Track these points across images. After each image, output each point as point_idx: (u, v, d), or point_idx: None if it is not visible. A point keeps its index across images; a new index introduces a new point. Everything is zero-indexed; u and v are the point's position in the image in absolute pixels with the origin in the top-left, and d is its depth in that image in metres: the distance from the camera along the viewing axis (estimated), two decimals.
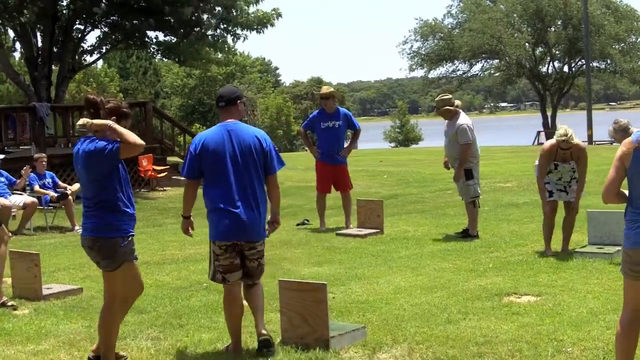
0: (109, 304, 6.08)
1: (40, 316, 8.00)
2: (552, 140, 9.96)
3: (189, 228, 6.71)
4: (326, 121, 13.18)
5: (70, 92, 48.25)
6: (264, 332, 6.28)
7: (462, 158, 11.94)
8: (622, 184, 4.97)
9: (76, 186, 16.07)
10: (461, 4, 63.51)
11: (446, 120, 12.31)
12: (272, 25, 25.23)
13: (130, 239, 6.02)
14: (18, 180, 15.05)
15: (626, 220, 4.97)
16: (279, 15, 25.35)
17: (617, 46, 60.20)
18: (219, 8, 24.14)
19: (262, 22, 25.09)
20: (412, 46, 64.29)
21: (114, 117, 5.99)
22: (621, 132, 8.77)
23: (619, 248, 6.84)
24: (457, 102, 12.32)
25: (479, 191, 12.17)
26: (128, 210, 5.97)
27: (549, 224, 10.16)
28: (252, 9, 25.22)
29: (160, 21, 22.66)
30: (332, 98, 13.13)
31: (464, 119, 12.06)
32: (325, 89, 13.39)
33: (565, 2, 57.71)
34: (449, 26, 63.92)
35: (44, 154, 16.36)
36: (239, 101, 6.53)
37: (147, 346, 6.73)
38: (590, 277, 8.57)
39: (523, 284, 8.34)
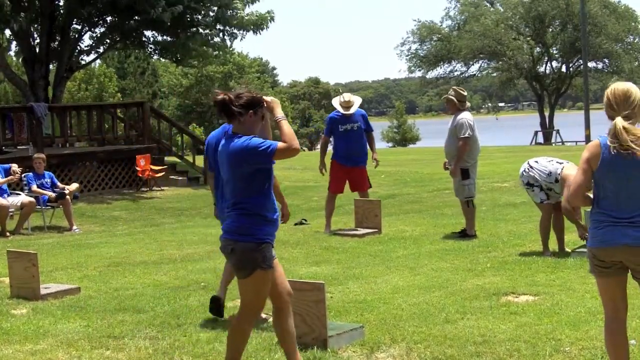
0: (239, 315, 5.65)
1: (38, 316, 8.00)
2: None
3: None
4: (344, 124, 13.02)
5: (71, 92, 48.29)
6: None
7: (459, 153, 11.84)
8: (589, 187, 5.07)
9: (74, 186, 16.10)
10: (459, 6, 63.56)
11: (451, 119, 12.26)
12: (266, 27, 25.23)
13: (265, 246, 5.43)
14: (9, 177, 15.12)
15: (592, 220, 5.07)
16: (272, 18, 25.34)
17: (615, 46, 60.33)
18: (215, 8, 24.12)
19: (256, 24, 25.10)
20: (410, 48, 64.43)
21: (251, 111, 5.44)
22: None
23: None
24: (467, 104, 12.23)
25: (474, 192, 12.14)
26: (268, 215, 5.48)
27: (546, 225, 10.17)
28: (247, 9, 25.26)
29: (152, 20, 22.63)
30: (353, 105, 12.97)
31: (465, 115, 11.99)
32: (347, 97, 13.02)
33: (567, 2, 57.82)
34: (447, 28, 63.99)
35: (42, 154, 16.36)
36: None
37: (145, 345, 6.73)
38: (588, 276, 8.50)
39: (521, 284, 8.34)
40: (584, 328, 6.53)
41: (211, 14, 24.45)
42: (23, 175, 16.04)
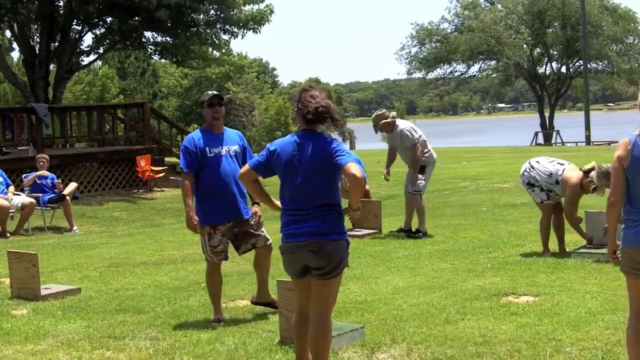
0: (324, 314, 5.52)
1: (38, 316, 8.01)
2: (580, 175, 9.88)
3: None
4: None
5: (76, 95, 48.31)
6: None
7: (415, 160, 12.33)
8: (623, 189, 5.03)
9: (72, 186, 16.05)
10: (458, 6, 63.58)
11: (389, 135, 12.76)
12: (267, 22, 25.27)
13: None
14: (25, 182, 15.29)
15: (624, 219, 5.04)
16: (272, 11, 25.38)
17: (615, 47, 60.38)
18: (214, 6, 24.14)
19: (256, 20, 25.12)
20: (409, 52, 64.46)
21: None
22: (604, 177, 8.98)
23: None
24: (393, 114, 12.70)
25: (424, 188, 12.53)
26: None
27: (546, 226, 10.17)
28: (247, 7, 25.28)
29: (151, 20, 22.64)
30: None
31: (402, 124, 12.58)
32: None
33: (565, 2, 57.84)
34: (449, 29, 64.01)
35: (45, 155, 16.35)
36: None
37: (145, 346, 6.73)
38: (589, 277, 8.57)
39: (521, 284, 8.34)
40: (585, 328, 6.52)
41: (212, 11, 24.47)
42: (23, 175, 16.10)
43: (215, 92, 7.52)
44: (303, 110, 5.43)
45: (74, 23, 24.93)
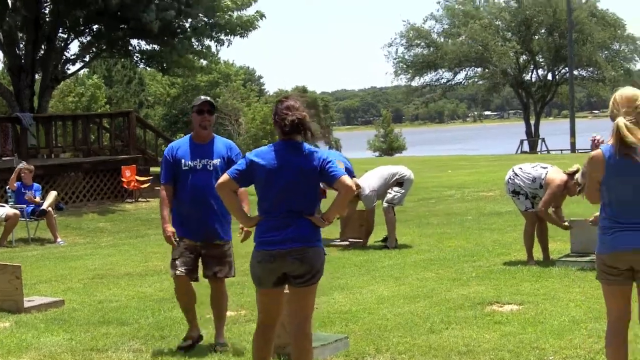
0: (305, 321, 5.47)
1: (21, 329, 7.95)
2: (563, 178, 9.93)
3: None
4: None
5: (66, 105, 48.16)
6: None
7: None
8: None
9: (52, 195, 15.87)
10: (445, 9, 63.77)
11: None
12: (255, 28, 25.27)
13: None
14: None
15: (600, 227, 5.08)
16: (262, 15, 25.38)
17: (601, 54, 60.68)
18: (201, 14, 24.13)
19: (245, 26, 25.11)
20: (397, 50, 64.58)
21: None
22: None
23: None
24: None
25: (396, 201, 12.50)
26: None
27: (530, 234, 10.20)
28: (235, 14, 25.28)
29: (139, 29, 22.59)
30: None
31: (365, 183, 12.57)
32: None
33: (553, 10, 58.13)
34: (435, 34, 64.13)
35: (32, 166, 16.25)
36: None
37: (128, 358, 6.71)
38: (573, 285, 8.60)
39: (505, 293, 8.36)
40: (568, 337, 6.54)
41: (200, 16, 24.42)
42: (7, 187, 16.01)
43: (207, 99, 7.01)
44: (279, 122, 5.43)
45: (59, 31, 24.85)
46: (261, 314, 5.58)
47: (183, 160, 6.83)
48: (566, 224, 10.24)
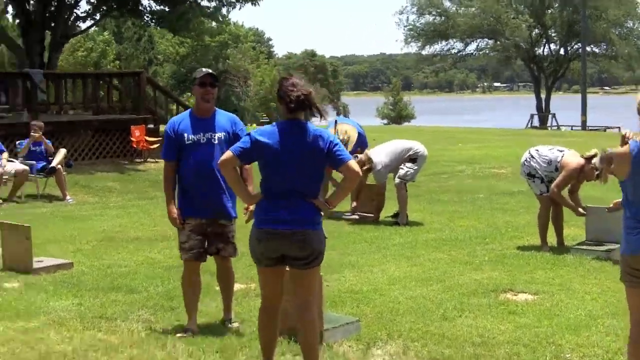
0: (308, 301, 5.42)
1: (30, 291, 7.92)
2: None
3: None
4: None
5: (77, 59, 47.98)
6: None
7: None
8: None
9: (62, 153, 15.80)
10: None
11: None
12: None
13: None
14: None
15: (624, 226, 4.96)
16: None
17: (615, 31, 60.29)
18: None
19: None
20: (408, 18, 64.21)
21: None
22: (608, 163, 8.80)
23: (618, 246, 6.73)
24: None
25: (409, 177, 12.41)
26: None
27: (545, 219, 10.07)
28: None
29: None
30: None
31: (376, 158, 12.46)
32: None
33: None
34: (448, 2, 63.66)
35: (41, 123, 16.15)
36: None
37: (137, 329, 6.65)
38: (588, 276, 8.47)
39: (519, 281, 8.24)
40: (585, 333, 6.42)
41: None
42: (17, 142, 15.95)
43: (210, 71, 6.69)
44: (285, 98, 5.33)
45: None
46: (262, 291, 5.59)
47: (186, 135, 6.55)
48: (581, 210, 10.11)
